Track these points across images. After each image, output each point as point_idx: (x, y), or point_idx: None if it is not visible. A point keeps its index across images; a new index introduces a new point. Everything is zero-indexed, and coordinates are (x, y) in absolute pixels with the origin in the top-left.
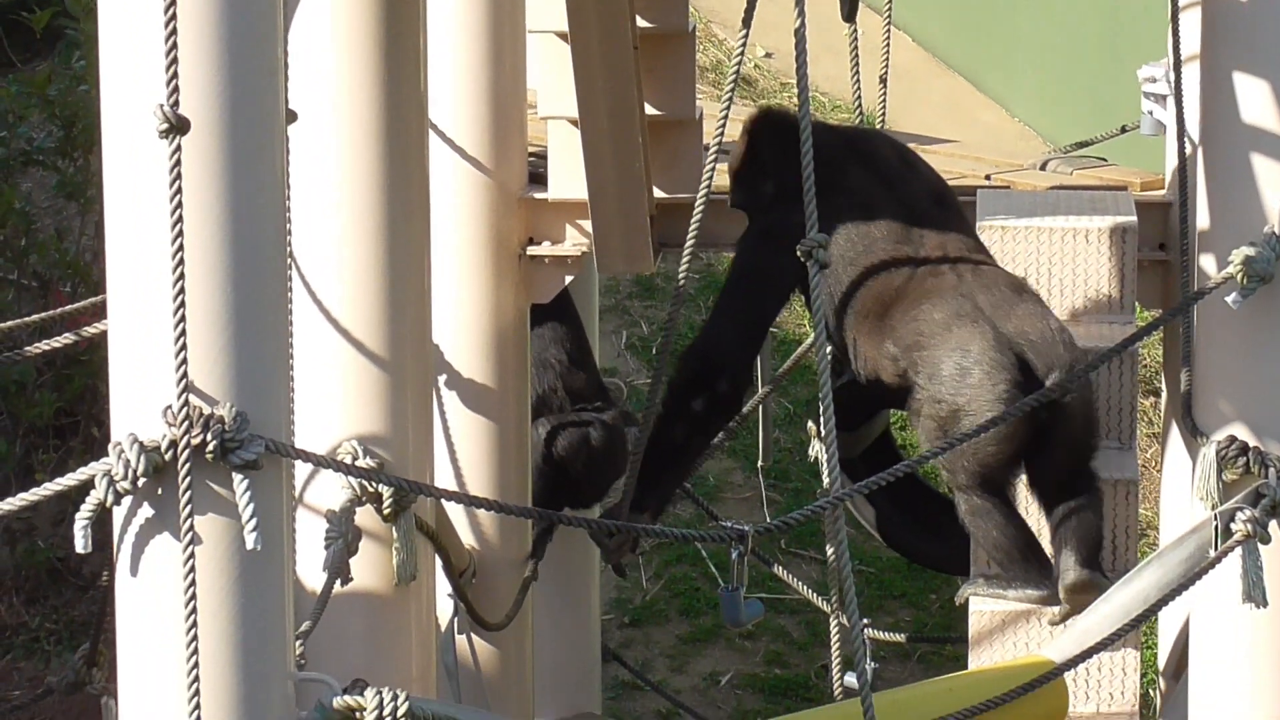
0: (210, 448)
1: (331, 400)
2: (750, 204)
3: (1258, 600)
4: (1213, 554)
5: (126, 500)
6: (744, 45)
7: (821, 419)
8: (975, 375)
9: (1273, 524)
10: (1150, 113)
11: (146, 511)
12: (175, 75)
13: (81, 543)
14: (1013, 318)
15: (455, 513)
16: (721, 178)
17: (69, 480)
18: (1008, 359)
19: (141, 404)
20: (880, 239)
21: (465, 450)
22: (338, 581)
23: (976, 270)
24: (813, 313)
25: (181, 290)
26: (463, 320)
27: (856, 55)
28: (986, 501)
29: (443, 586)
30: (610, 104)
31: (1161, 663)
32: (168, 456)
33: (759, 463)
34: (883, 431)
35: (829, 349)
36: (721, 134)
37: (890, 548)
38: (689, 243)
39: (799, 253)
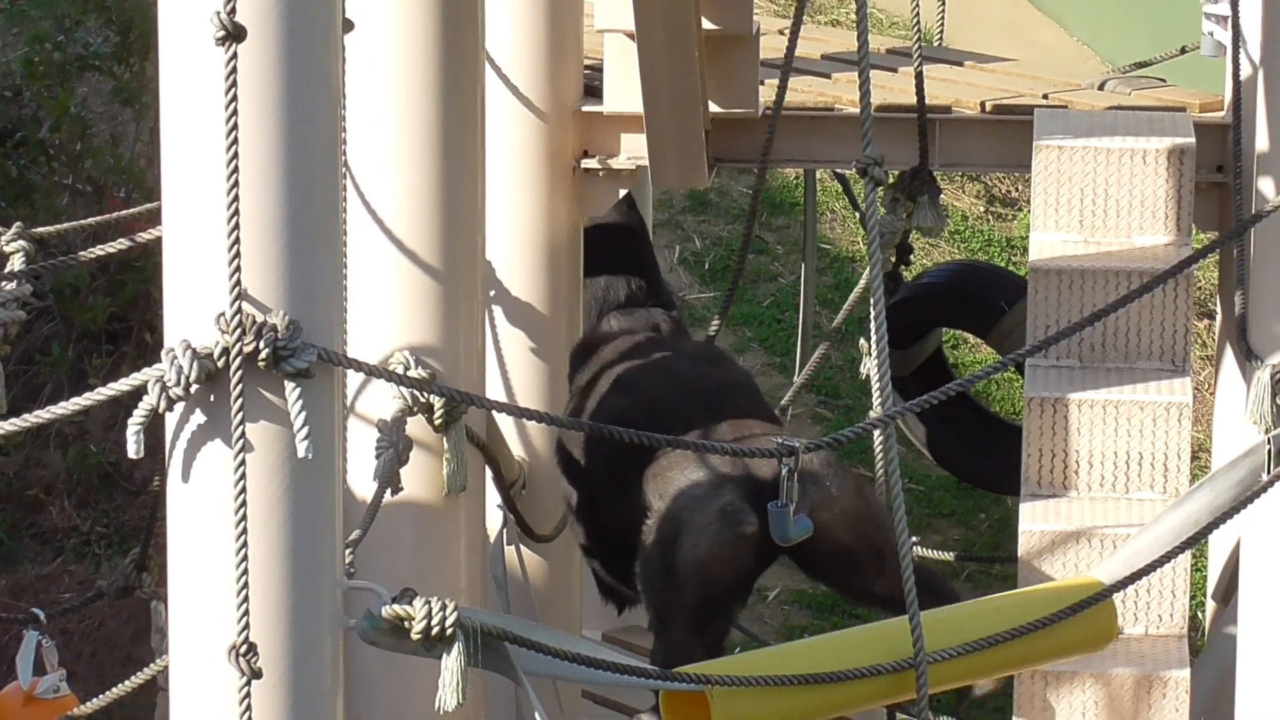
0: (263, 355)
1: (384, 310)
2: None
3: None
4: (1265, 478)
5: (179, 406)
6: None
7: (873, 336)
8: (705, 493)
9: None
10: (1210, 34)
11: (198, 418)
12: None
13: (133, 448)
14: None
15: (506, 424)
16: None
17: (121, 385)
18: (737, 483)
19: (194, 310)
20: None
21: (516, 362)
22: (388, 491)
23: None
24: (867, 229)
25: (236, 198)
26: (516, 233)
27: None
28: (684, 638)
29: (492, 497)
30: (667, 18)
31: (1211, 586)
32: (220, 363)
33: (795, 377)
34: (935, 350)
35: (881, 266)
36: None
37: (940, 466)
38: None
39: (855, 168)
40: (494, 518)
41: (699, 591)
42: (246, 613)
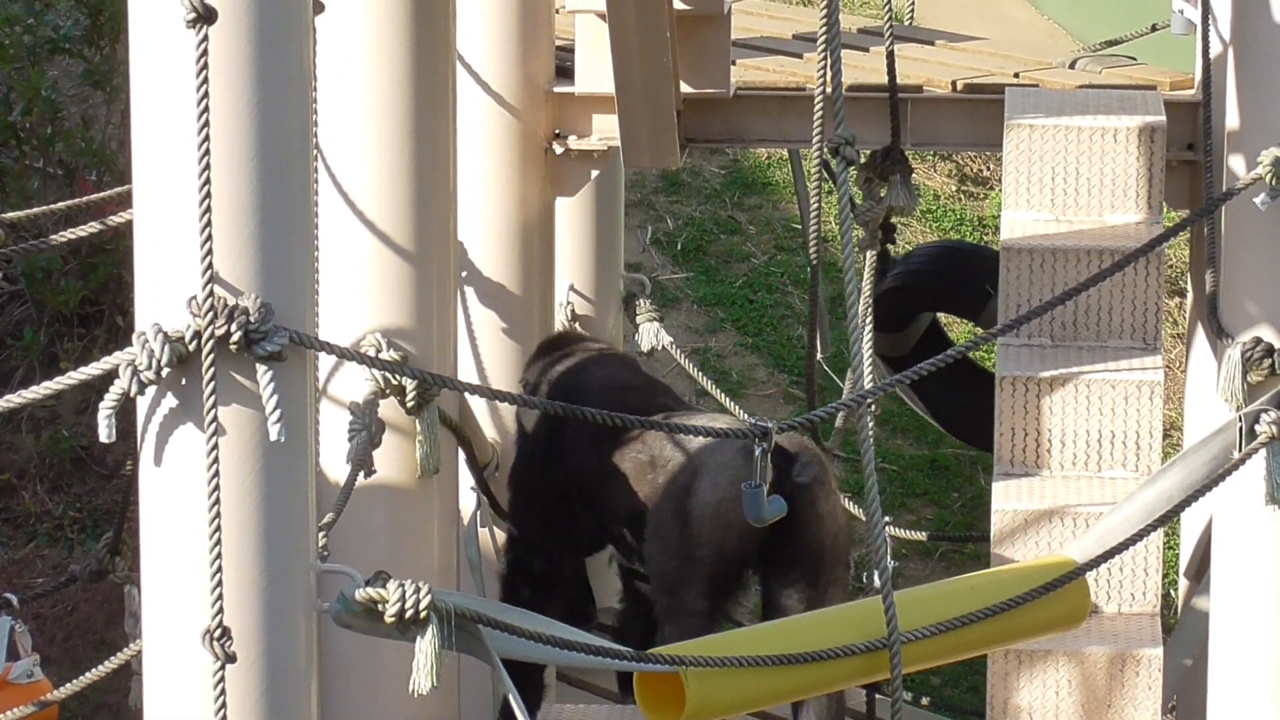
0: (234, 338)
1: (356, 293)
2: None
3: None
4: (1236, 455)
5: (150, 390)
6: None
7: (848, 316)
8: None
9: None
10: (1181, 11)
11: (170, 402)
12: None
13: (105, 432)
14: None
15: (479, 406)
16: (750, 74)
17: (93, 369)
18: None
19: (166, 294)
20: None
21: (489, 343)
22: (361, 474)
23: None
24: (839, 207)
25: (207, 181)
26: (488, 214)
27: None
28: (698, 605)
29: (466, 480)
30: None
31: (1183, 564)
32: (191, 347)
33: (819, 353)
34: (928, 327)
35: (856, 249)
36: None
37: (950, 434)
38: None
39: (827, 148)
40: (467, 500)
41: (718, 537)
42: (220, 596)
